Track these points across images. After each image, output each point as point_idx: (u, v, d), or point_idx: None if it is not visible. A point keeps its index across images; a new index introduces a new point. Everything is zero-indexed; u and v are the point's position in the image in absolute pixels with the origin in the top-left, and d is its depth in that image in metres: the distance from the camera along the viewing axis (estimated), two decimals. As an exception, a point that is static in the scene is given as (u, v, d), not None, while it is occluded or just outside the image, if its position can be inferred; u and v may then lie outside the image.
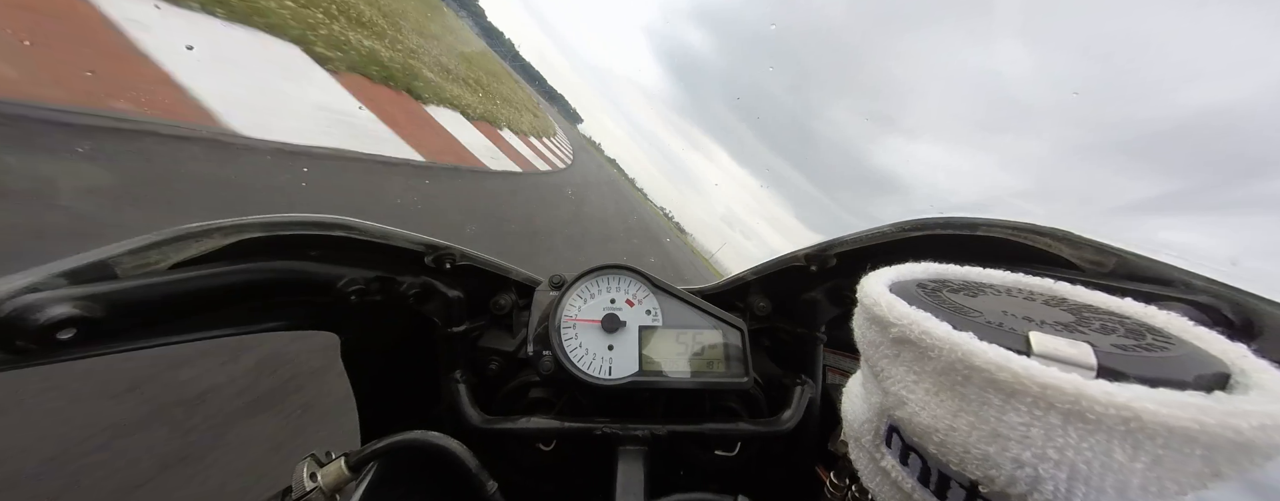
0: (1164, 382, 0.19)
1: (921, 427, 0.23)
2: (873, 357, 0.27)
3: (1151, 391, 0.18)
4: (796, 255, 0.72)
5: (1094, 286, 0.30)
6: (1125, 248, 0.45)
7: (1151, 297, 0.33)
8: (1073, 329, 0.24)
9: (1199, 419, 0.17)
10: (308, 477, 0.54)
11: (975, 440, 0.21)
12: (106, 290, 0.40)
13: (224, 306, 0.51)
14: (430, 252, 0.66)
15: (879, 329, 0.26)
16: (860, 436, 0.30)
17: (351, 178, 4.77)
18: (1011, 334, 0.23)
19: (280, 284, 0.55)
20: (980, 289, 0.31)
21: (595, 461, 0.71)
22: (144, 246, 0.43)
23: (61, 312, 0.37)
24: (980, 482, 0.21)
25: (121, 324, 0.42)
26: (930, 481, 0.24)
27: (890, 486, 0.27)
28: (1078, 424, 0.18)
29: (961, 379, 0.21)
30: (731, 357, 0.69)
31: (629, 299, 0.72)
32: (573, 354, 0.67)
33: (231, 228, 0.48)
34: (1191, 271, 0.40)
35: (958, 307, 0.26)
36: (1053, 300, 0.29)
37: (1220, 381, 0.21)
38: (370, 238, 0.59)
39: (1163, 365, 0.21)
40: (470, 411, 0.69)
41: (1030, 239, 0.50)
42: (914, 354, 0.24)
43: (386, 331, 0.74)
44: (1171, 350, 0.22)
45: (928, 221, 0.58)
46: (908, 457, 0.25)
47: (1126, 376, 0.20)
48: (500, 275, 0.77)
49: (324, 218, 0.55)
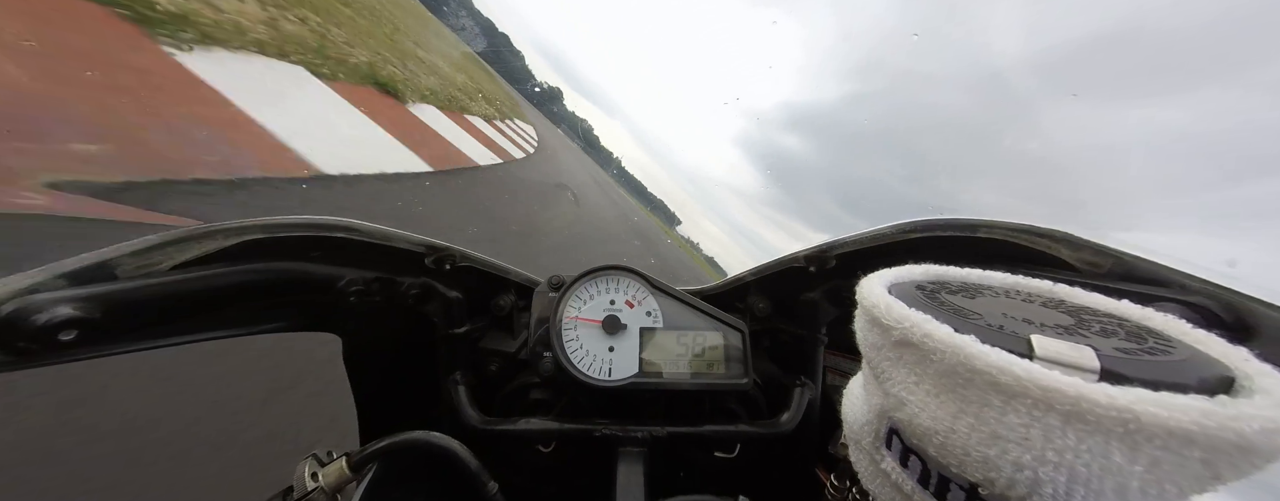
0: (1166, 386, 0.19)
1: (922, 429, 0.23)
2: (874, 359, 0.27)
3: (1153, 394, 0.18)
4: (796, 256, 0.72)
5: (1092, 288, 0.31)
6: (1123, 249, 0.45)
7: (1148, 299, 0.33)
8: (1073, 332, 0.24)
9: (1200, 422, 0.17)
10: (309, 477, 0.54)
11: (975, 442, 0.21)
12: (107, 291, 0.40)
13: (225, 307, 0.51)
14: (430, 254, 0.66)
15: (880, 331, 0.26)
16: (860, 438, 0.30)
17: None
18: (1014, 337, 0.23)
19: (281, 285, 0.54)
20: (979, 291, 0.31)
21: (595, 462, 0.71)
22: (145, 248, 0.43)
23: (63, 314, 0.37)
24: (980, 485, 0.22)
25: (122, 325, 0.42)
26: (930, 483, 0.24)
27: (890, 488, 0.27)
28: (1077, 426, 0.18)
29: (963, 381, 0.21)
30: (731, 359, 0.69)
31: (629, 300, 0.71)
32: (573, 355, 0.67)
33: (232, 229, 0.48)
34: (1188, 273, 0.40)
35: (958, 310, 0.26)
36: (1051, 302, 0.29)
37: (1223, 385, 0.21)
38: (370, 239, 0.59)
39: (1165, 369, 0.21)
40: (470, 412, 0.69)
41: (1029, 240, 0.50)
42: (916, 356, 0.24)
43: (387, 332, 0.73)
44: (1174, 354, 0.22)
45: (927, 223, 0.58)
46: (908, 460, 0.25)
47: (1129, 380, 0.20)
48: (500, 276, 0.77)
49: (324, 219, 0.55)
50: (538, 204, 8.86)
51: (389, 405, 0.76)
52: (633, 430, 0.67)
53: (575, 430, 0.68)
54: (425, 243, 0.66)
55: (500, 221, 6.20)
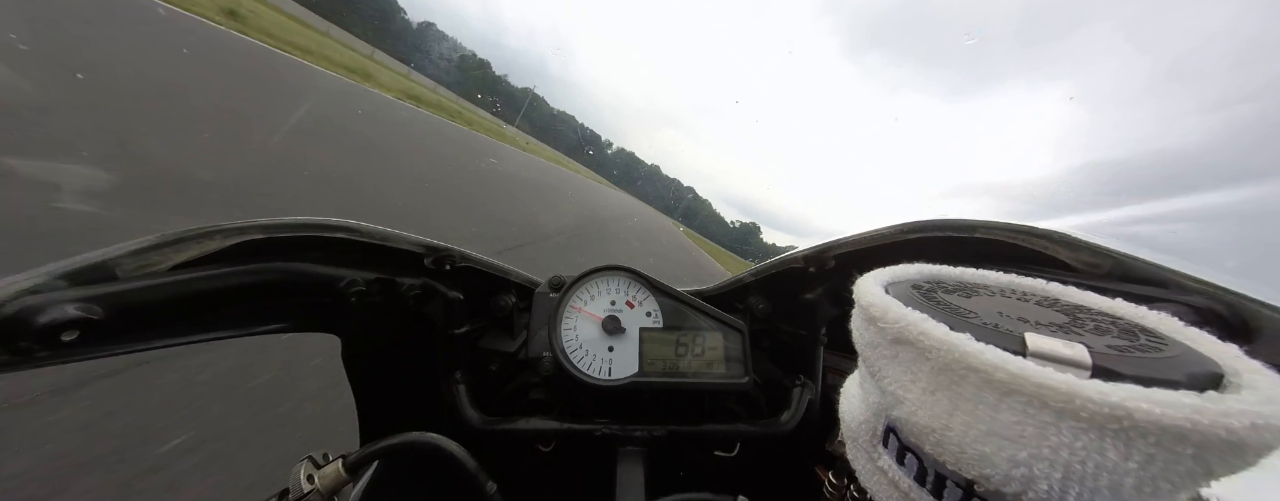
0: (1157, 382, 0.19)
1: (918, 427, 0.24)
2: (870, 357, 0.27)
3: (1145, 390, 0.18)
4: (795, 256, 0.72)
5: (1088, 288, 0.31)
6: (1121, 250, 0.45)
7: (1146, 299, 0.34)
8: (1067, 329, 0.24)
9: (1191, 418, 0.17)
10: (304, 479, 0.54)
11: (971, 439, 0.21)
12: (108, 292, 0.40)
13: (225, 308, 0.51)
14: (430, 254, 0.67)
15: (876, 329, 0.26)
16: (857, 436, 0.30)
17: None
18: (1007, 335, 0.23)
19: (281, 285, 0.55)
20: (974, 290, 0.31)
21: (595, 462, 0.71)
22: (145, 248, 0.43)
23: (63, 314, 0.37)
24: (976, 482, 0.22)
25: (123, 325, 0.42)
26: (927, 481, 0.24)
27: (887, 485, 0.27)
28: (1070, 422, 0.18)
29: (957, 378, 0.21)
30: (731, 359, 0.69)
31: (629, 300, 0.72)
32: (573, 355, 0.67)
33: (233, 229, 0.48)
34: (1186, 274, 0.40)
35: (953, 308, 0.26)
36: (1046, 301, 0.30)
37: (1213, 381, 0.21)
38: (370, 239, 0.59)
39: (1157, 365, 0.21)
40: (470, 412, 0.69)
41: (1027, 241, 0.50)
42: (911, 354, 0.24)
43: (387, 333, 0.74)
44: (1165, 350, 0.22)
45: (926, 223, 0.58)
46: (904, 457, 0.26)
47: (1121, 376, 0.20)
48: (500, 276, 0.77)
49: (325, 220, 0.55)
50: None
51: (389, 405, 0.77)
52: (632, 430, 0.67)
53: (575, 430, 0.68)
54: (425, 243, 0.66)
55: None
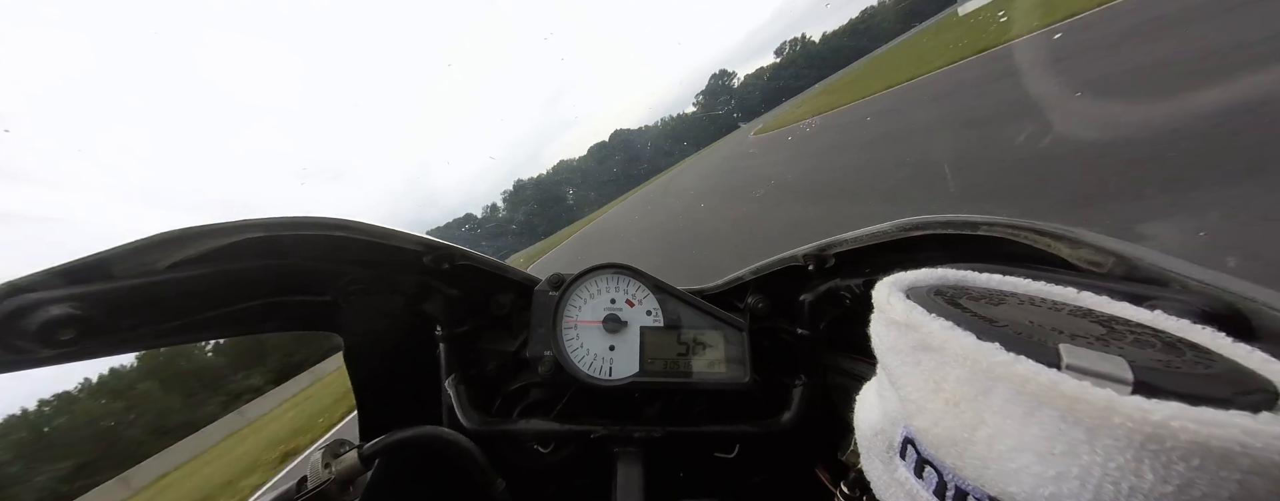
0: (1205, 400, 0.18)
1: (939, 439, 0.23)
2: (890, 364, 0.26)
3: (1193, 409, 0.16)
4: (795, 255, 0.72)
5: (1085, 287, 0.30)
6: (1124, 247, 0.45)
7: (1147, 298, 0.33)
8: (1105, 341, 0.23)
9: (1242, 439, 0.16)
10: (323, 468, 0.56)
11: (996, 454, 0.20)
12: (105, 290, 0.40)
13: (224, 307, 0.51)
14: (429, 252, 0.66)
15: (897, 335, 0.25)
16: (873, 446, 0.29)
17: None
18: (1041, 345, 0.21)
19: (280, 284, 0.54)
20: (1002, 297, 0.30)
21: (595, 463, 0.71)
22: (143, 247, 0.42)
23: (61, 313, 0.37)
24: (999, 499, 0.21)
25: (121, 324, 0.42)
26: (947, 496, 0.23)
27: (904, 499, 0.26)
28: (1106, 441, 0.17)
29: (984, 389, 0.20)
30: (732, 358, 0.69)
31: (629, 299, 0.71)
32: (574, 354, 0.67)
33: (231, 228, 0.47)
34: (1190, 272, 0.40)
35: (981, 316, 0.25)
36: (1079, 311, 0.28)
37: (1268, 401, 0.19)
38: (369, 238, 0.58)
39: (1204, 382, 0.19)
40: (469, 412, 0.69)
41: (1030, 238, 0.50)
42: (935, 362, 0.23)
43: (387, 332, 0.73)
44: (1214, 366, 0.21)
45: (927, 221, 0.58)
46: (923, 470, 0.25)
47: (1166, 392, 0.18)
48: (499, 275, 0.76)
49: (323, 218, 0.54)
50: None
51: (389, 404, 0.76)
52: (632, 430, 0.67)
53: (574, 430, 0.67)
54: (424, 241, 0.65)
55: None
